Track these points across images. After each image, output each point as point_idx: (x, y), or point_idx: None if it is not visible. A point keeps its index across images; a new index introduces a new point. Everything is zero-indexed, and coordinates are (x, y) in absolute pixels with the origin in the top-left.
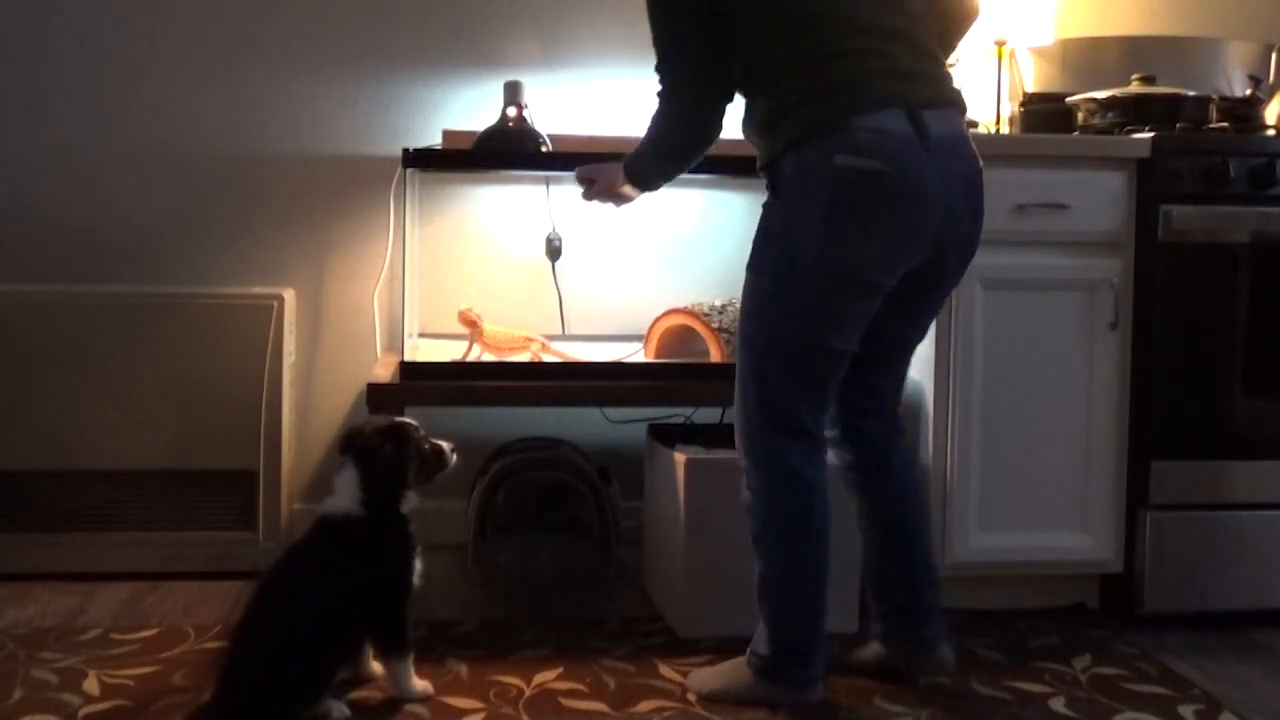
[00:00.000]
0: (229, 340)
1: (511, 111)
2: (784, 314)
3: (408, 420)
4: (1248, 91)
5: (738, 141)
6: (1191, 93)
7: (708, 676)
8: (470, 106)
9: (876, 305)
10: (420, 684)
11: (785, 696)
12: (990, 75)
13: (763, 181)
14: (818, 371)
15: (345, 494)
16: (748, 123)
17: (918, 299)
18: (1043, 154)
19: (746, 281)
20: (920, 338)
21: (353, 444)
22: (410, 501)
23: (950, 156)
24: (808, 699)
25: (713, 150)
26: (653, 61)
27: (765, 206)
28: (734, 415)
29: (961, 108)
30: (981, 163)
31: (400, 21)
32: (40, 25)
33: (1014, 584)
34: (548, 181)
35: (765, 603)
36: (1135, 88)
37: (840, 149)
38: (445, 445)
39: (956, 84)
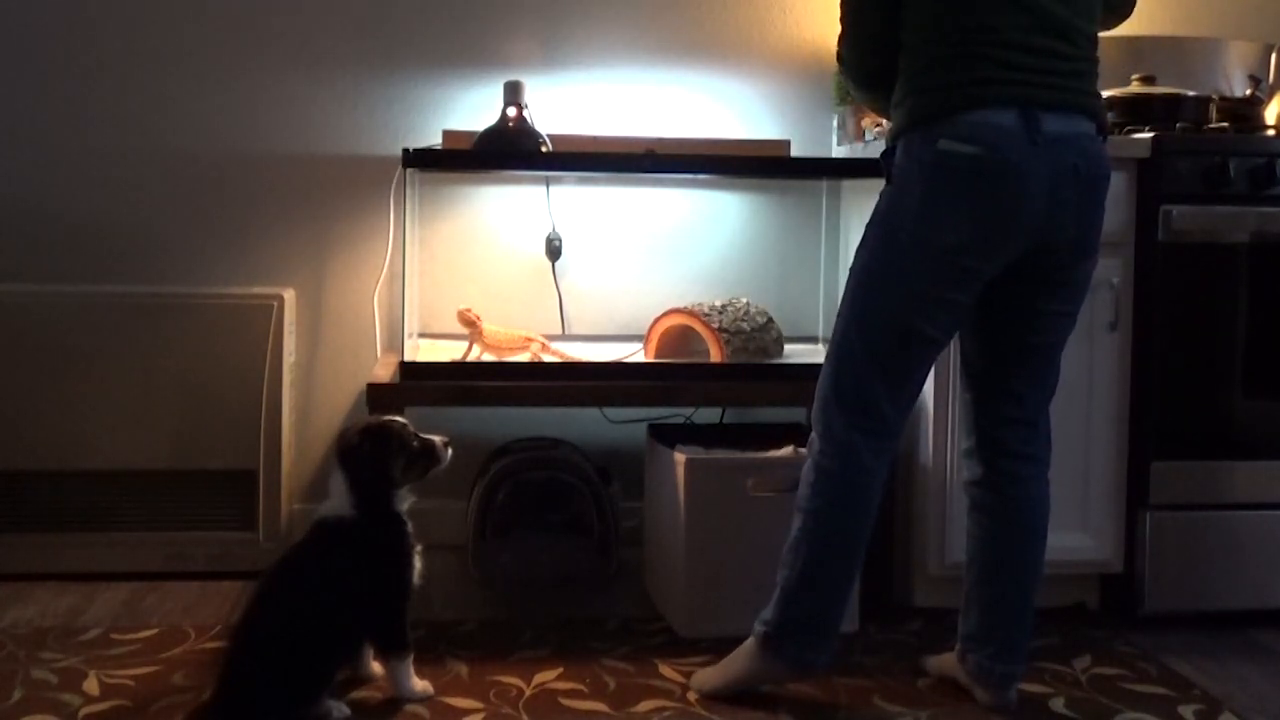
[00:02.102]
0: (229, 340)
1: (511, 111)
2: (874, 292)
3: (394, 419)
4: (1248, 91)
5: (738, 142)
6: (1191, 93)
7: (708, 674)
8: (470, 106)
9: (970, 296)
10: (420, 684)
11: (776, 672)
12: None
13: (761, 183)
14: (900, 354)
15: (338, 497)
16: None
17: (1043, 299)
18: None
19: (852, 261)
20: (1058, 342)
21: (337, 446)
22: (404, 500)
23: (1064, 149)
24: (794, 678)
25: (712, 150)
26: (652, 62)
27: (880, 193)
28: (817, 385)
29: (1094, 117)
30: (1109, 167)
31: (400, 21)
32: (39, 26)
33: None
34: (548, 181)
35: (787, 567)
36: (1135, 88)
37: (943, 135)
38: (438, 440)
39: (1100, 102)
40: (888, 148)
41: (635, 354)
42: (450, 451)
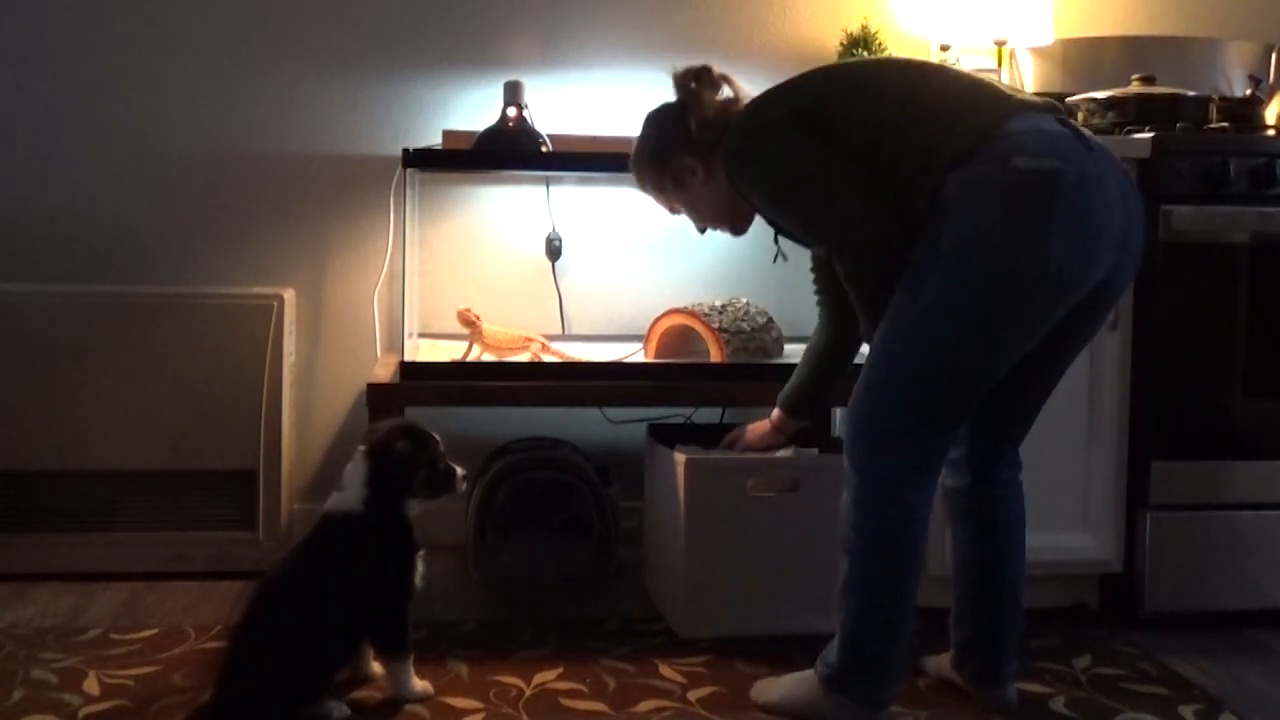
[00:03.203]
0: (229, 340)
1: (511, 111)
2: (942, 334)
3: (431, 432)
4: (1248, 91)
5: None
6: (1191, 93)
7: (768, 685)
8: (470, 106)
9: (1057, 316)
10: (420, 684)
11: (849, 714)
12: (990, 76)
13: None
14: (966, 397)
15: (351, 490)
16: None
17: (1085, 323)
18: None
19: (897, 301)
20: (1067, 367)
21: (370, 437)
22: (414, 507)
23: (1107, 155)
24: (865, 718)
25: None
26: (652, 62)
27: (926, 228)
28: (847, 414)
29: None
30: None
31: (400, 21)
32: (41, 25)
33: None
34: (548, 181)
35: (842, 611)
36: (1135, 88)
37: (1013, 151)
38: (459, 470)
39: None
40: (931, 184)
41: (635, 354)
42: (464, 487)
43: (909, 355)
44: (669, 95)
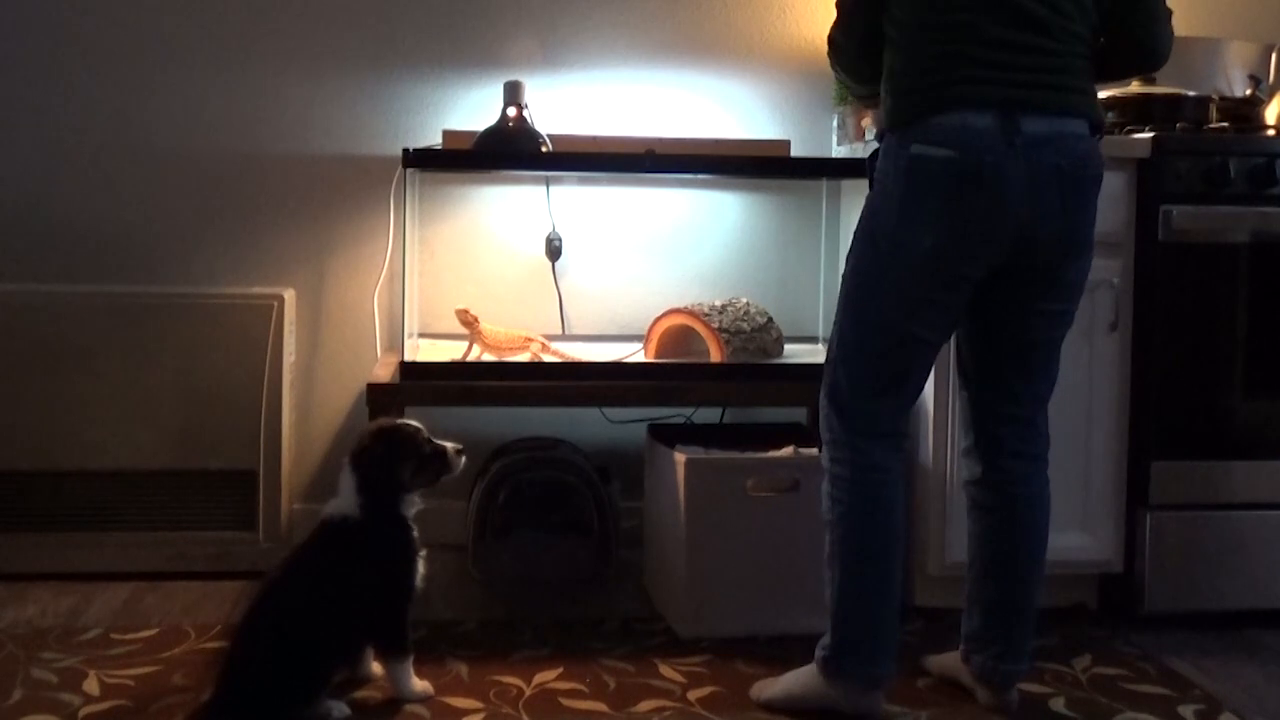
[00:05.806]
0: (229, 340)
1: (511, 111)
2: (863, 296)
3: (409, 422)
4: (1248, 91)
5: (738, 142)
6: (1191, 93)
7: (768, 683)
8: (470, 106)
9: (960, 296)
10: (420, 684)
11: (845, 695)
12: None
13: (761, 183)
14: (894, 357)
15: (345, 496)
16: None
17: (1035, 299)
18: None
19: (843, 266)
20: (1054, 340)
21: (353, 447)
22: (412, 505)
23: (1046, 150)
24: (869, 703)
25: (712, 150)
26: (652, 62)
27: (865, 197)
28: (820, 392)
29: (1089, 119)
30: (1100, 167)
31: (400, 21)
32: (41, 26)
33: None
34: (548, 181)
35: (827, 586)
36: (1135, 88)
37: (917, 139)
38: (450, 447)
39: (1093, 99)
40: (874, 151)
41: (635, 354)
42: (463, 459)
43: (846, 325)
44: (669, 95)
